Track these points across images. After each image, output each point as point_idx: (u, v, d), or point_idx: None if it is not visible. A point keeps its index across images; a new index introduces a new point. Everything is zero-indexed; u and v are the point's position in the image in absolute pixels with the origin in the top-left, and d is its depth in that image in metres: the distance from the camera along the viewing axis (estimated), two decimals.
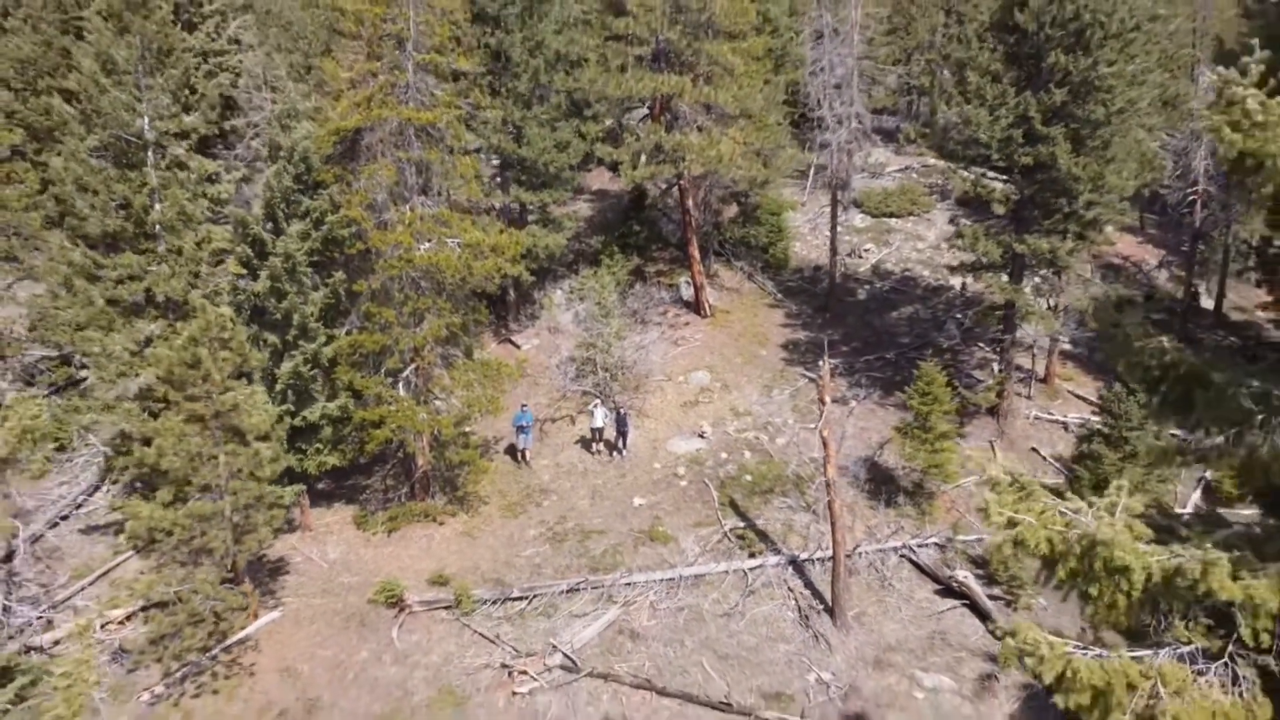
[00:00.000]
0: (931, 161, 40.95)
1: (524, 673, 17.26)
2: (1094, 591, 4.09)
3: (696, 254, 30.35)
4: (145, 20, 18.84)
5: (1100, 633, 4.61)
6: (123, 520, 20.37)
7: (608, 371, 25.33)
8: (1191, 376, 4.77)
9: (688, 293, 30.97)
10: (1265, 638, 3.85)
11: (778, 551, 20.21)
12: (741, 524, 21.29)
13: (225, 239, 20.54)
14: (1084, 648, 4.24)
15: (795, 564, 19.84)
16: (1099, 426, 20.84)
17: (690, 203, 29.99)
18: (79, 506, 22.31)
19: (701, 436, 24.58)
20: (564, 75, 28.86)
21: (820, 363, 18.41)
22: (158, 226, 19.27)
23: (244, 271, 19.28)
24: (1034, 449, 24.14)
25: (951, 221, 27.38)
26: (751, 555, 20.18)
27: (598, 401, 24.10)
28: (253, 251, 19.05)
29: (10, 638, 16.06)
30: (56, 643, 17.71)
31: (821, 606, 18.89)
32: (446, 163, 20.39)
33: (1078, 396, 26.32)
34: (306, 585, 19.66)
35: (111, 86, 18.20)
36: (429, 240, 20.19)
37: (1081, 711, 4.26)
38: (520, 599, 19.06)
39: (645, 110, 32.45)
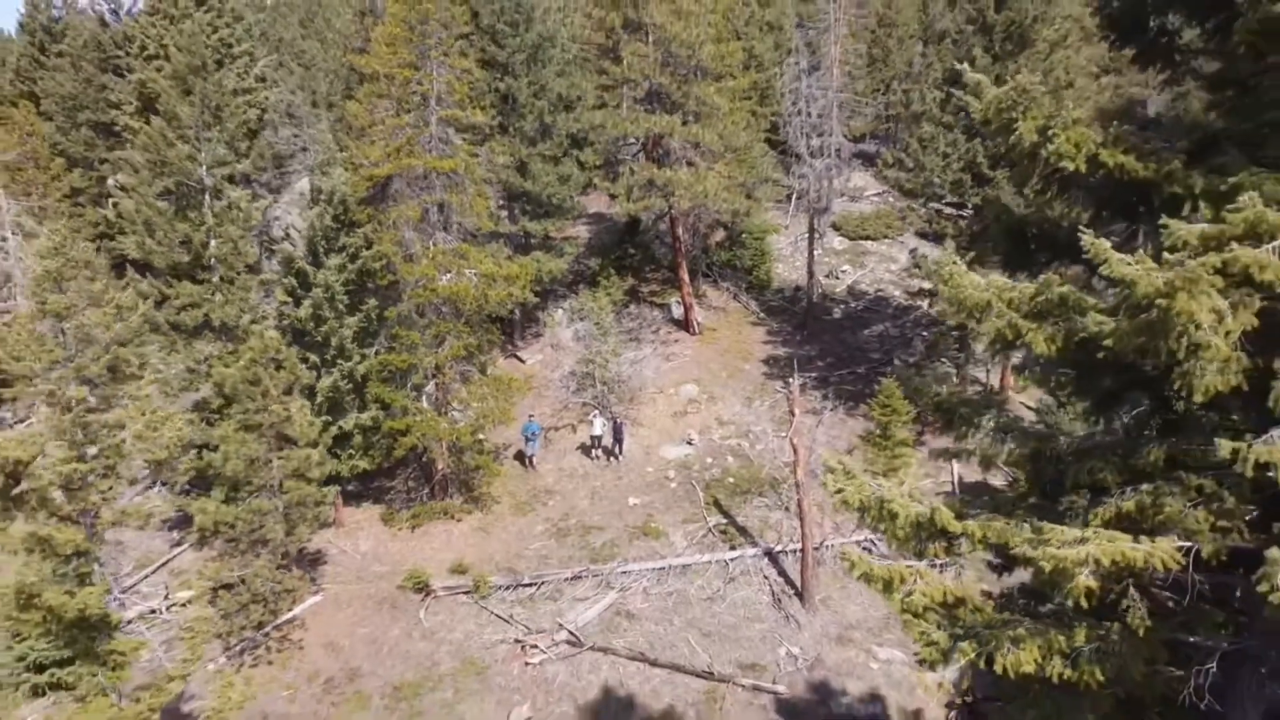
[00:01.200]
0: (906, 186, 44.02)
1: (535, 647, 20.04)
2: (883, 528, 6.90)
3: (686, 276, 33.29)
4: (204, 82, 21.67)
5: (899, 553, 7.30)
6: (176, 515, 23.23)
7: (605, 385, 28.11)
8: (951, 408, 7.62)
9: (678, 312, 33.84)
10: (981, 553, 6.56)
11: (755, 544, 23.03)
12: (724, 520, 24.12)
13: (254, 256, 23.32)
14: (880, 560, 7.03)
15: (770, 555, 22.65)
16: None
17: (680, 230, 32.90)
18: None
19: (689, 443, 27.43)
20: (565, 114, 31.78)
21: (791, 379, 21.27)
22: (213, 260, 22.06)
23: (289, 299, 22.07)
24: None
25: (910, 252, 30.31)
26: (732, 547, 23.01)
27: (596, 412, 26.94)
28: (297, 282, 21.87)
29: None
30: (129, 622, 20.42)
31: (792, 591, 21.70)
32: (464, 202, 23.25)
33: (1028, 407, 29.21)
34: (343, 573, 22.43)
35: (177, 140, 21.00)
36: (449, 272, 23.02)
37: (878, 590, 7.11)
38: (530, 585, 21.86)
39: (639, 143, 35.30)
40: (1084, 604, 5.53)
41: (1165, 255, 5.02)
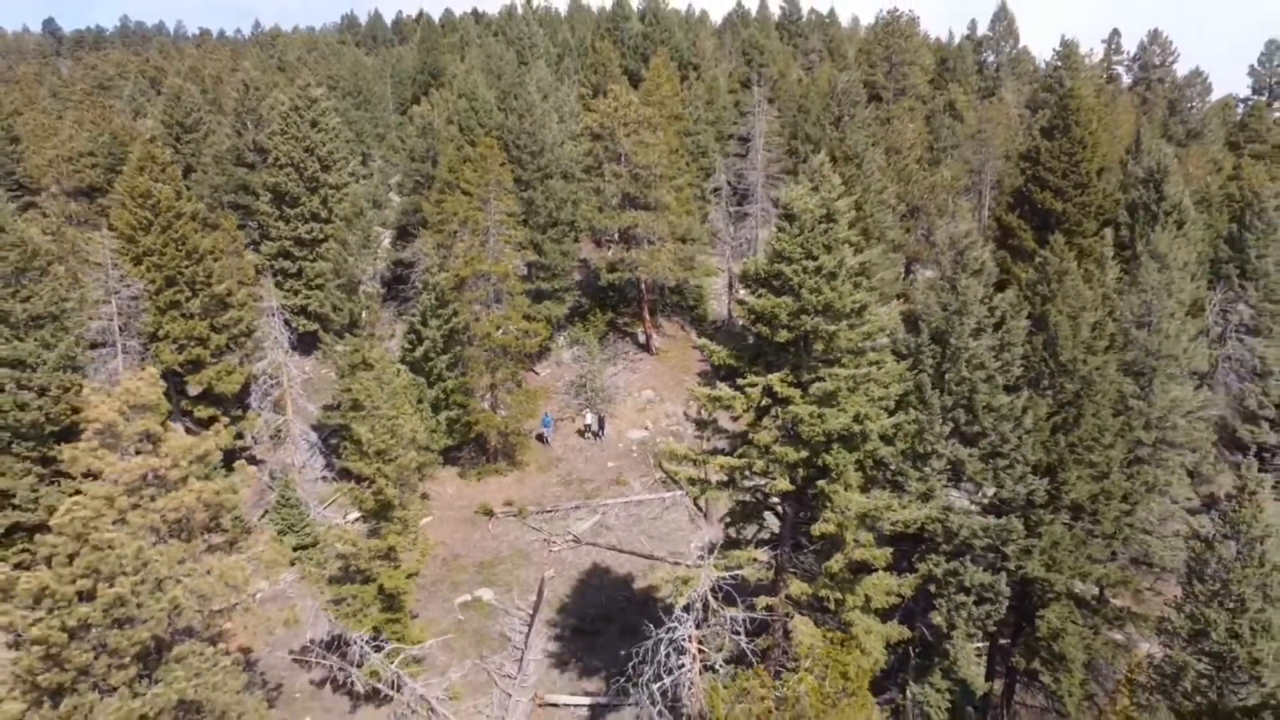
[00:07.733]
0: None
1: (554, 543, 36.03)
2: (672, 456, 22.40)
3: (648, 314, 49.21)
4: (359, 220, 37.27)
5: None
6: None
7: (593, 391, 43.91)
8: (699, 422, 23.10)
9: (642, 339, 49.73)
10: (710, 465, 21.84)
11: (681, 489, 39.03)
12: (664, 475, 40.12)
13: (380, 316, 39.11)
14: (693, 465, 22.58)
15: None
16: None
17: (643, 284, 48.75)
18: (302, 468, 40.75)
19: (646, 429, 43.38)
20: (568, 208, 47.47)
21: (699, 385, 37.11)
22: (365, 321, 37.75)
23: (410, 347, 37.78)
24: None
25: None
26: (668, 490, 39.07)
27: (588, 409, 42.82)
28: (415, 337, 37.63)
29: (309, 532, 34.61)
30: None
31: (702, 514, 37.74)
32: (509, 285, 38.98)
33: None
34: (440, 506, 38.34)
35: (349, 256, 36.63)
36: (499, 328, 38.81)
37: (674, 478, 22.55)
38: (550, 511, 37.84)
39: (617, 230, 50.94)
40: (725, 480, 21.38)
41: (739, 386, 20.67)
